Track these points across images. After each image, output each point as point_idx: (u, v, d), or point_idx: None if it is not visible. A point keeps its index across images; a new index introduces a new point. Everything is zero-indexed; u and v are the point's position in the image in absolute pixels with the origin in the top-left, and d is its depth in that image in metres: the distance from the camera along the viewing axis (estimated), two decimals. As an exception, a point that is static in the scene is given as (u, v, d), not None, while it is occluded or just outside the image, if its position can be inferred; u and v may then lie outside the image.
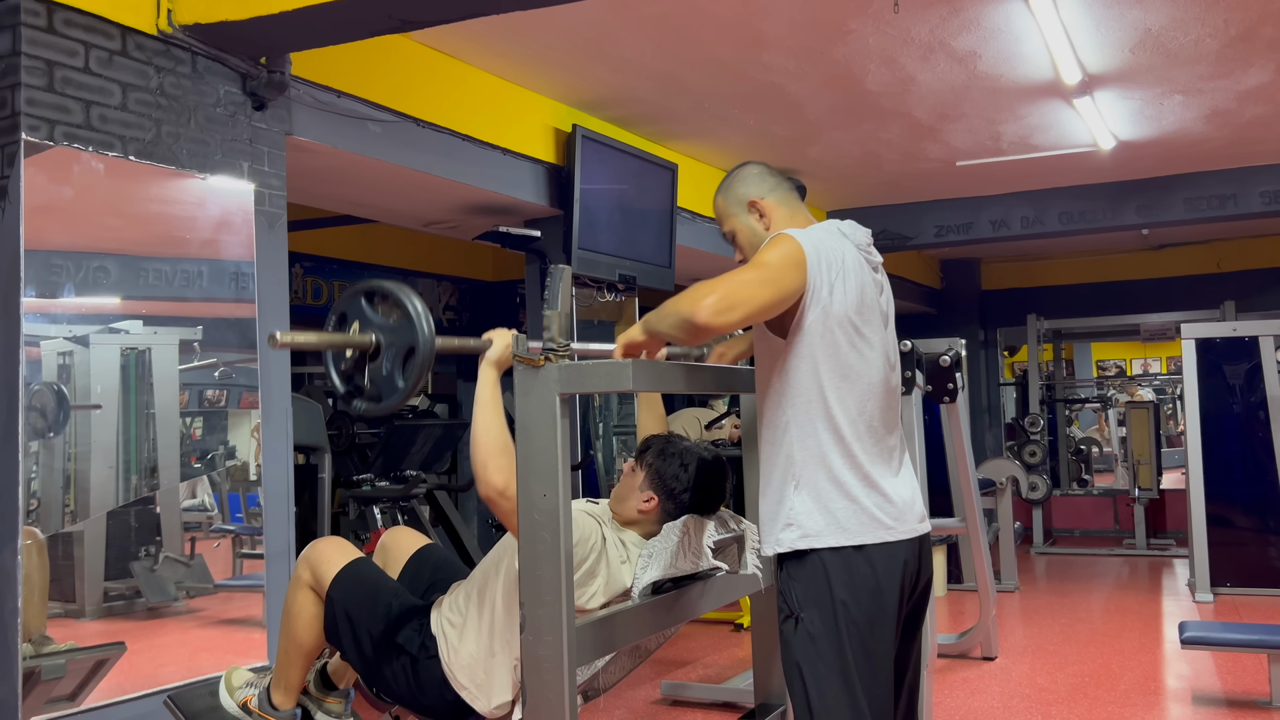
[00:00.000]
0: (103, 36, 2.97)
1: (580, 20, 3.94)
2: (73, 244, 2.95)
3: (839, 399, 2.00)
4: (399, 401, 1.96)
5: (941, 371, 4.48)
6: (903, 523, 2.03)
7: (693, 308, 1.89)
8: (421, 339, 1.92)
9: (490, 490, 2.01)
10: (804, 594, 1.97)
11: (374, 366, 1.98)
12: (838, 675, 1.93)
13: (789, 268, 1.96)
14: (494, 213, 4.97)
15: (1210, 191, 6.64)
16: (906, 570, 2.02)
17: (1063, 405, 10.23)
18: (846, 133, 5.54)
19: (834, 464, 1.99)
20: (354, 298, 2.01)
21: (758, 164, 2.26)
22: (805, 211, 2.22)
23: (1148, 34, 4.21)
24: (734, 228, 2.22)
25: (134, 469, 3.23)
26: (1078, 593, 6.63)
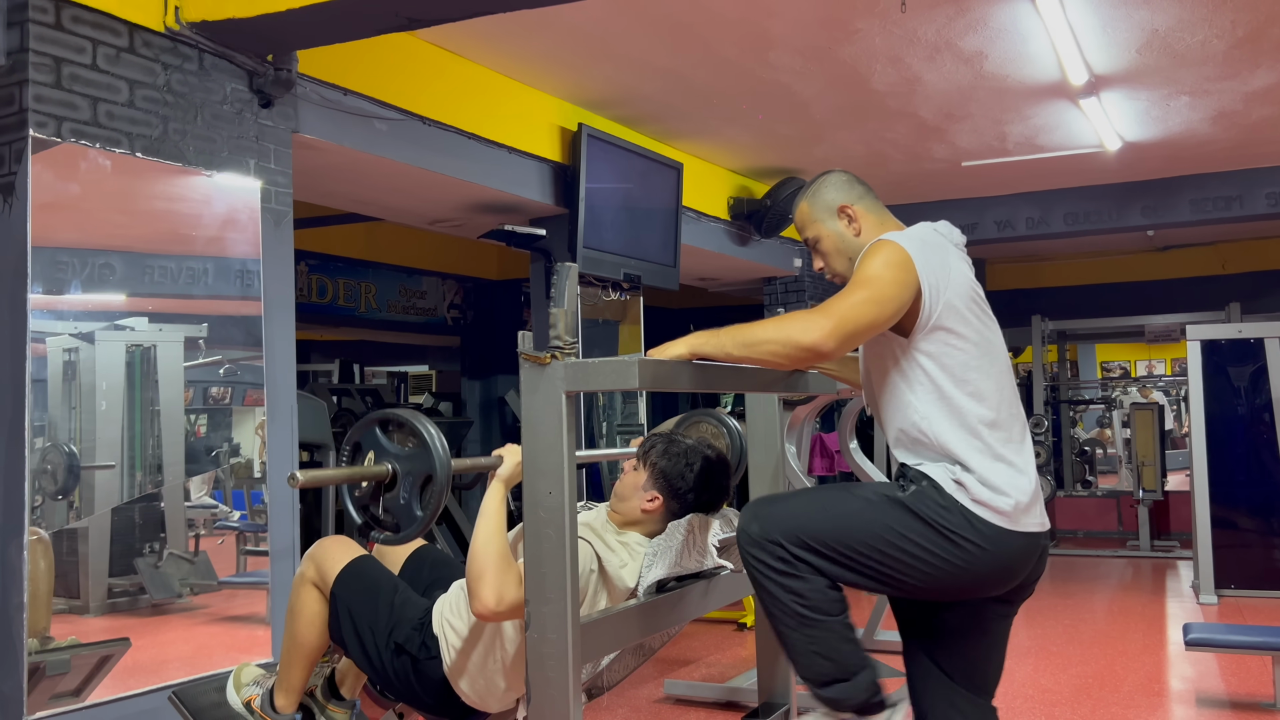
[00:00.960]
0: (110, 33, 2.98)
1: (586, 19, 3.94)
2: (79, 241, 2.96)
3: (979, 380, 1.99)
4: (418, 531, 2.00)
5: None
6: (1031, 517, 1.99)
7: (805, 332, 1.88)
8: (438, 465, 1.95)
9: (483, 609, 2.01)
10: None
11: (390, 496, 2.01)
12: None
13: (898, 272, 1.94)
14: (499, 211, 4.97)
15: (1216, 193, 6.63)
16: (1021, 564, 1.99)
17: (1067, 407, 10.21)
18: (852, 132, 5.54)
19: (982, 445, 1.96)
20: (368, 428, 2.05)
21: (844, 172, 2.24)
22: (894, 219, 2.19)
23: (1155, 35, 4.21)
24: (819, 234, 2.19)
25: (138, 466, 3.24)
26: (1081, 594, 6.62)
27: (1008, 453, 1.98)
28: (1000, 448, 1.97)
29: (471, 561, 2.04)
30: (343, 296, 7.61)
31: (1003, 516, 1.93)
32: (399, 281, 8.04)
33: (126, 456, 3.20)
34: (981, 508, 1.93)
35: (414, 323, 8.18)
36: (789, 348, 1.90)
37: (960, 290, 2.01)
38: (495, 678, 2.21)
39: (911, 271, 1.95)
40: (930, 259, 1.98)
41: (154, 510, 3.26)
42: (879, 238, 2.03)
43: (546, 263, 5.15)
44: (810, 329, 1.88)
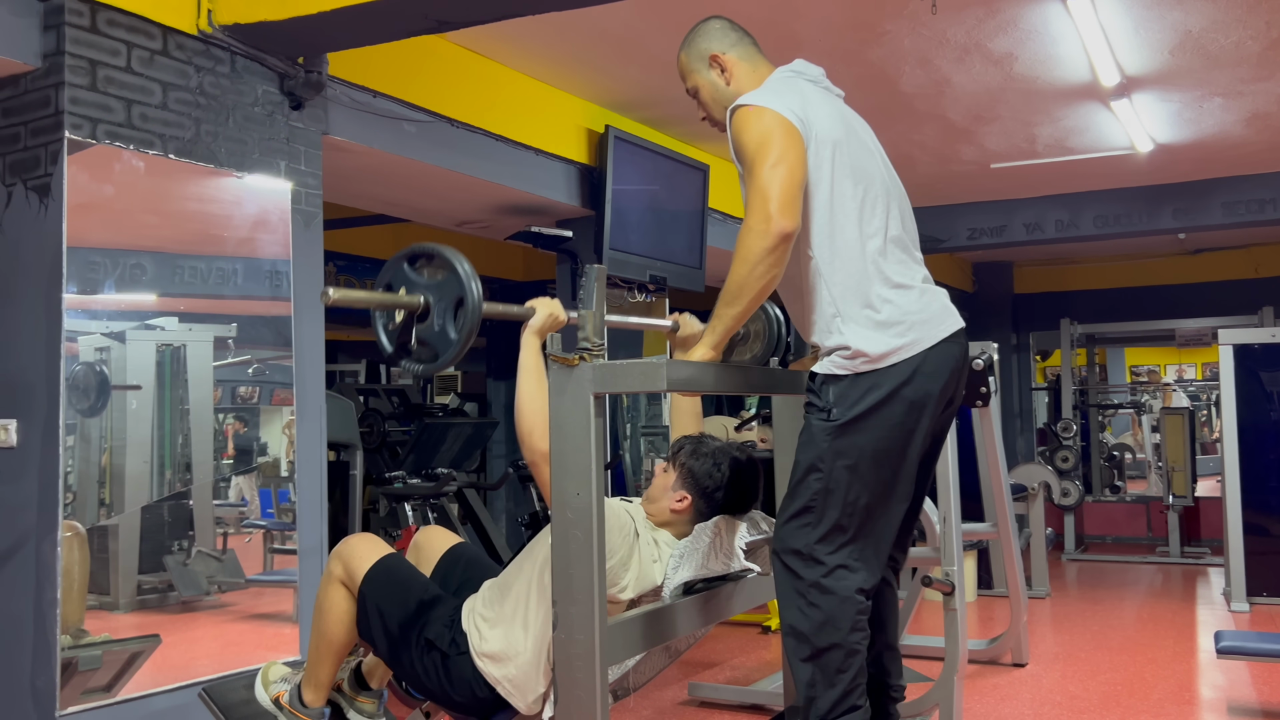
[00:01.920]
0: (144, 36, 3.01)
1: (614, 21, 3.95)
2: (112, 241, 2.99)
3: (860, 224, 2.07)
4: (453, 356, 1.98)
5: (974, 375, 4.44)
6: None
7: (754, 228, 1.97)
8: (469, 289, 1.94)
9: (536, 455, 2.04)
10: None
11: (423, 327, 2.01)
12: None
13: (781, 132, 2.00)
14: (526, 213, 4.99)
15: (1249, 195, 6.55)
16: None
17: (1096, 411, 10.12)
18: (879, 134, 5.43)
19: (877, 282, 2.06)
20: (397, 265, 2.04)
21: (720, 18, 2.29)
22: (766, 63, 2.25)
23: (1188, 36, 4.16)
24: (696, 84, 2.27)
25: (168, 464, 3.28)
26: (1110, 600, 6.55)
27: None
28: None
29: (520, 415, 2.07)
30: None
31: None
32: (426, 282, 8.07)
33: (156, 455, 3.23)
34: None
35: (440, 323, 8.20)
36: (755, 251, 1.97)
37: (828, 130, 2.07)
38: (526, 673, 2.19)
39: (791, 129, 2.01)
40: (795, 114, 2.03)
41: (183, 508, 3.29)
42: (737, 103, 2.08)
43: (572, 264, 5.16)
44: (754, 224, 1.98)
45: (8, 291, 2.92)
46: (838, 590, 1.99)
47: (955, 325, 2.15)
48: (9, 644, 2.85)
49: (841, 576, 2.00)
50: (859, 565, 2.03)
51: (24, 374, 2.87)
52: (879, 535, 2.06)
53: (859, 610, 2.01)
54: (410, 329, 2.02)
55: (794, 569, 2.02)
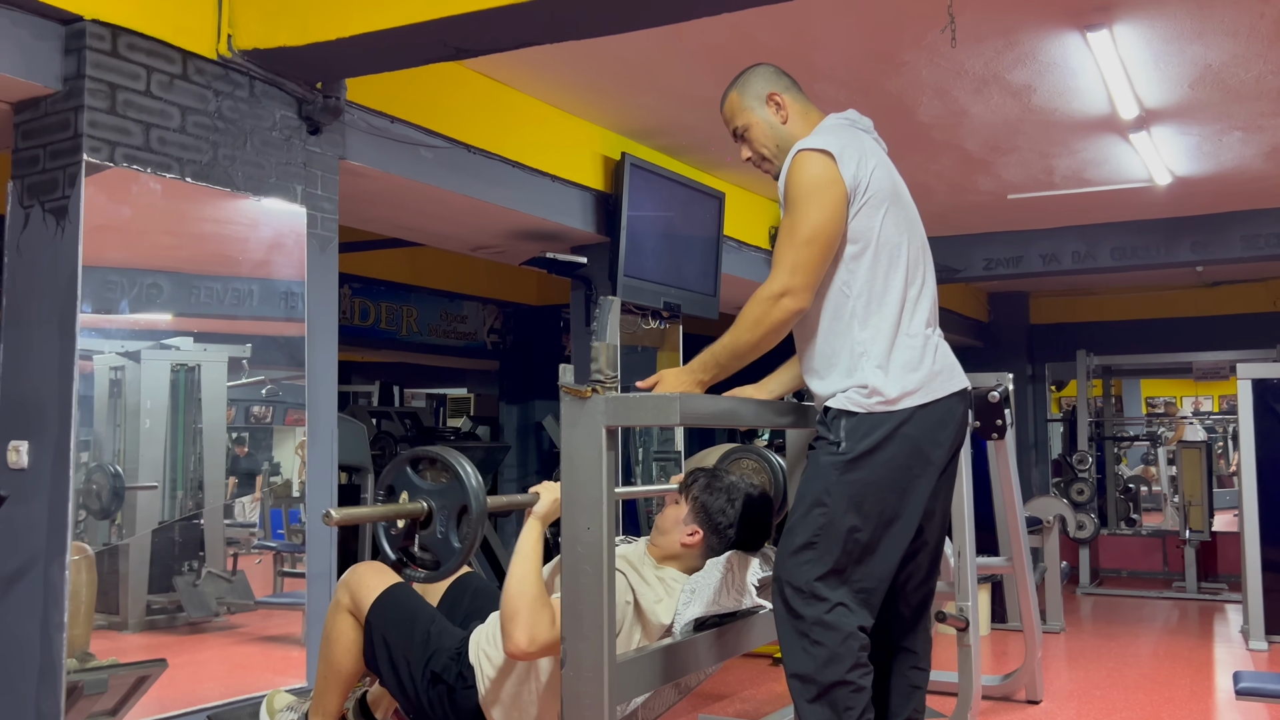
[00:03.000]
0: (164, 60, 3.03)
1: (631, 49, 3.96)
2: (128, 262, 3.00)
3: (899, 275, 2.12)
4: (457, 564, 2.00)
5: (990, 407, 4.40)
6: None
7: (770, 285, 2.03)
8: (474, 498, 1.94)
9: (516, 648, 2.00)
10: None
11: (426, 533, 2.01)
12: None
13: (827, 190, 2.05)
14: (541, 239, 4.99)
15: (1268, 229, 6.50)
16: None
17: (1111, 443, 10.03)
18: (896, 163, 5.44)
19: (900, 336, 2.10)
20: (399, 468, 2.05)
21: (770, 64, 2.35)
22: (816, 109, 2.30)
23: (1208, 70, 4.15)
24: (749, 122, 2.29)
25: (180, 485, 3.27)
26: (1125, 636, 6.47)
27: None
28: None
29: (505, 601, 2.03)
30: (385, 320, 7.67)
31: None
32: (440, 306, 8.09)
33: (169, 475, 3.23)
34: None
35: (454, 346, 8.22)
36: (764, 304, 2.03)
37: (880, 185, 2.12)
38: (529, 707, 2.19)
39: (838, 182, 2.06)
40: (850, 164, 2.08)
41: (194, 529, 3.28)
42: (800, 147, 2.11)
43: (587, 290, 5.15)
44: (774, 281, 2.04)
45: (23, 313, 2.93)
46: (840, 626, 1.97)
47: (963, 383, 2.18)
48: (14, 667, 2.84)
49: (843, 614, 1.98)
50: (857, 605, 2.00)
51: (37, 395, 2.87)
52: (878, 577, 2.04)
53: (861, 647, 1.98)
54: (414, 534, 2.03)
55: (794, 607, 2.00)
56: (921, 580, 2.20)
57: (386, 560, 2.09)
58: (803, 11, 3.62)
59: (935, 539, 2.20)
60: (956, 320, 8.93)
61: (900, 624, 2.21)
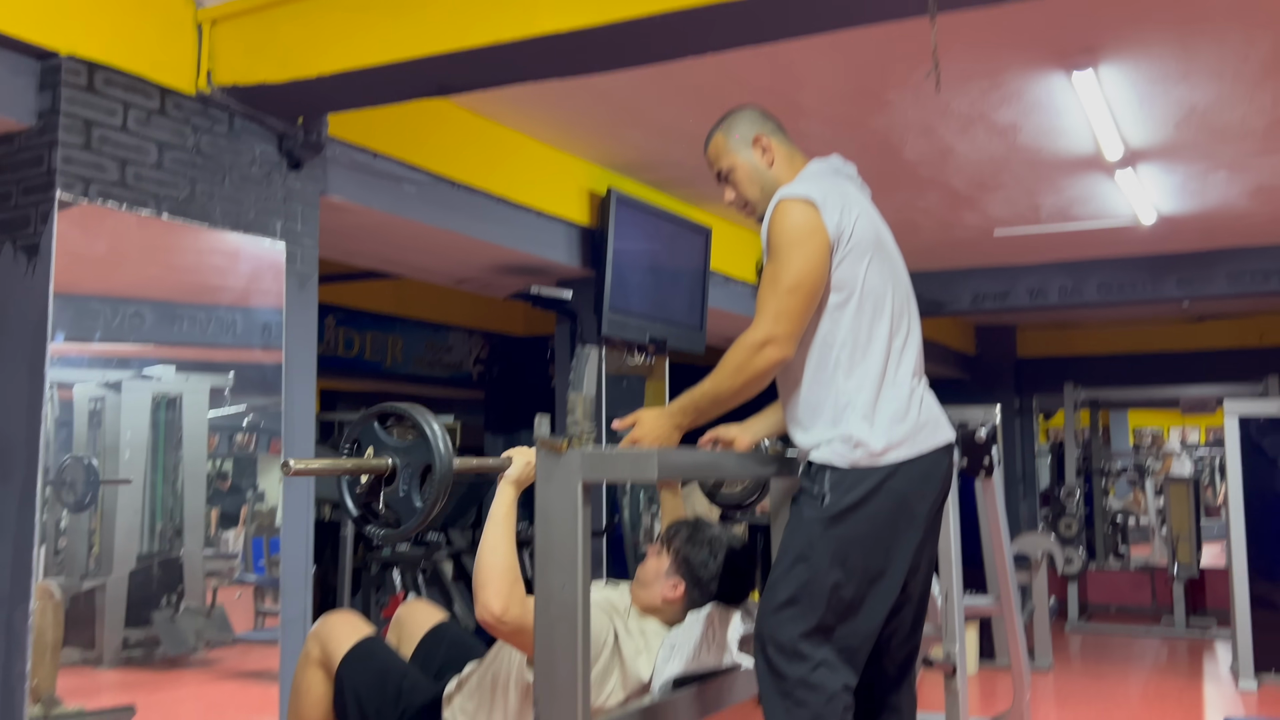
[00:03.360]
0: (142, 96, 2.99)
1: (617, 86, 3.94)
2: (103, 295, 2.96)
3: (884, 324, 2.08)
4: (417, 524, 1.91)
5: (977, 446, 4.36)
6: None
7: (753, 333, 1.99)
8: (439, 457, 1.88)
9: (487, 614, 1.95)
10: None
11: (389, 491, 1.94)
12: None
13: (810, 239, 2.02)
14: (526, 273, 4.95)
15: (1253, 266, 6.52)
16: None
17: (1099, 476, 10.01)
18: (883, 200, 5.41)
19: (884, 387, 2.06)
20: (366, 422, 1.98)
21: (756, 106, 2.32)
22: (800, 154, 2.28)
23: (1193, 111, 4.15)
24: (733, 164, 2.26)
25: (159, 516, 3.21)
26: (1114, 675, 6.41)
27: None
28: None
29: (478, 569, 1.98)
30: (369, 350, 7.61)
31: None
32: (426, 336, 8.04)
33: (148, 506, 3.17)
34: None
35: (439, 377, 8.16)
36: (746, 351, 1.99)
37: (864, 234, 2.08)
38: None
39: (821, 231, 2.03)
40: (833, 213, 2.05)
41: (173, 561, 3.22)
42: (782, 195, 2.08)
43: (572, 324, 5.11)
44: (756, 329, 2.00)
45: (-8, 351, 2.87)
46: (824, 686, 1.91)
47: (948, 437, 2.14)
48: (-25, 716, 2.76)
49: (826, 673, 1.93)
50: (842, 664, 1.95)
51: (3, 434, 2.81)
52: (862, 635, 1.99)
53: (845, 707, 1.93)
54: (378, 491, 1.96)
55: (777, 666, 1.94)
56: (906, 636, 2.15)
57: (348, 514, 2.01)
58: (788, 50, 3.60)
59: (920, 594, 2.16)
60: (944, 353, 8.91)
61: (884, 681, 2.16)
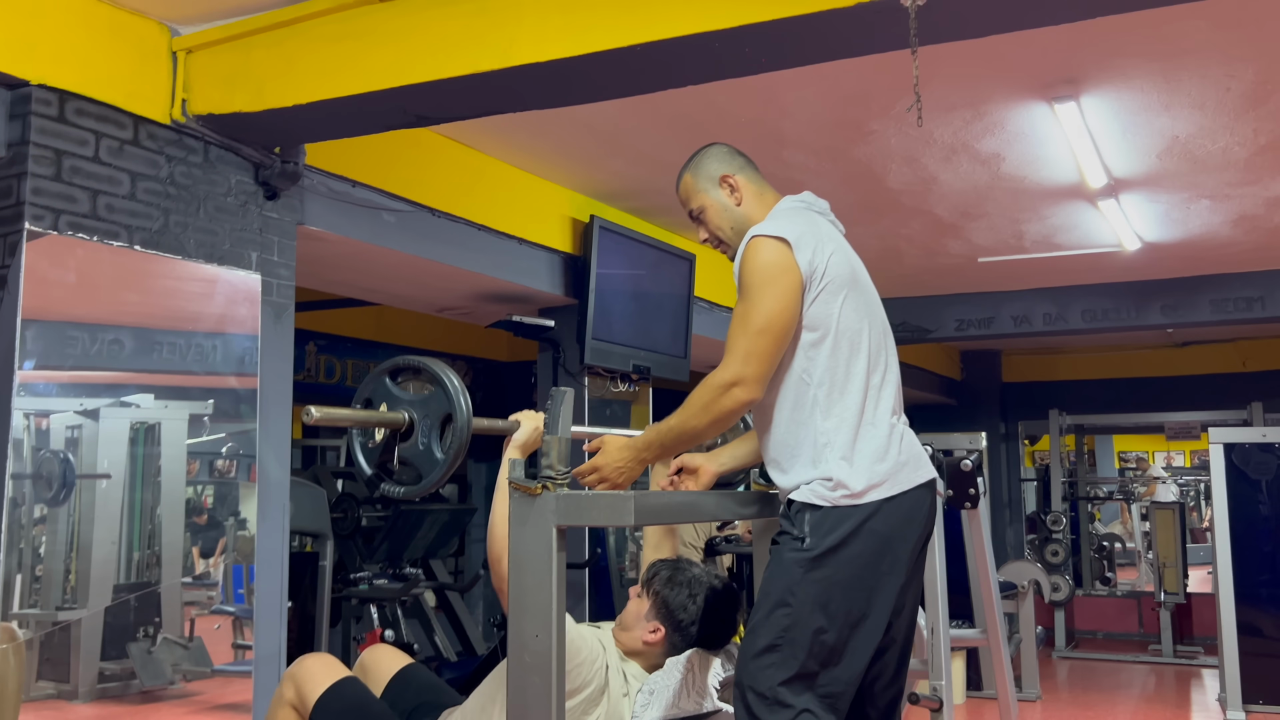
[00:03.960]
0: (115, 126, 2.94)
1: (599, 115, 3.91)
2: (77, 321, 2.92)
3: (861, 362, 2.04)
4: (440, 476, 1.87)
5: (962, 476, 4.33)
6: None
7: (721, 373, 1.95)
8: (458, 406, 1.84)
9: (506, 582, 1.90)
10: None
11: (406, 445, 1.89)
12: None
13: (781, 278, 1.99)
14: (508, 301, 4.91)
15: (1237, 293, 6.53)
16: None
17: (1085, 502, 9.99)
18: (867, 228, 5.48)
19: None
20: (378, 379, 1.94)
21: (723, 144, 2.29)
22: (771, 189, 2.25)
23: (1175, 141, 4.15)
24: (703, 204, 2.24)
25: (137, 545, 3.16)
26: (1102, 704, 6.36)
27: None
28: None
29: (494, 538, 1.97)
30: (351, 377, 7.54)
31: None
32: (408, 362, 7.98)
33: (125, 535, 3.12)
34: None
35: (422, 404, 8.10)
36: (713, 392, 1.95)
37: (838, 271, 2.05)
38: None
39: (794, 269, 2.00)
40: (807, 252, 2.02)
41: (150, 592, 3.17)
42: (754, 233, 2.05)
43: (555, 353, 5.06)
44: (725, 370, 1.96)
45: (-43, 386, 2.80)
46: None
47: (930, 474, 2.09)
48: (-65, 763, 2.67)
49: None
50: (824, 711, 1.90)
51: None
52: (845, 681, 1.93)
53: None
54: (392, 448, 1.91)
55: (757, 714, 1.89)
56: (890, 679, 2.10)
57: (362, 475, 1.96)
58: (771, 81, 3.58)
59: (905, 636, 2.11)
60: (929, 378, 8.90)
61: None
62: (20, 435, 2.74)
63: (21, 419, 2.75)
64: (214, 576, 3.42)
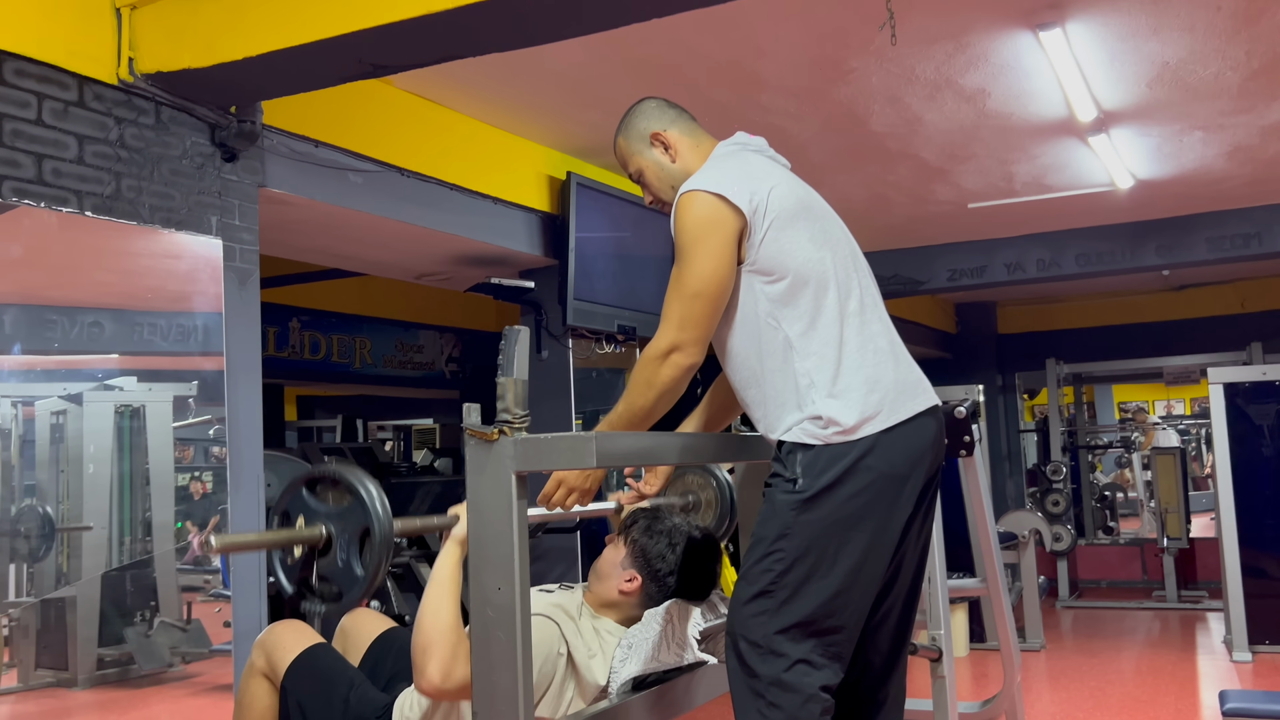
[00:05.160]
0: (58, 87, 2.82)
1: (568, 64, 3.78)
2: (22, 300, 2.82)
3: (830, 293, 1.93)
4: (361, 593, 1.75)
5: (957, 424, 4.22)
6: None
7: (657, 343, 1.87)
8: (376, 520, 1.71)
9: (428, 685, 1.79)
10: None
11: (325, 561, 1.77)
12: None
13: (712, 234, 1.88)
14: (487, 264, 4.80)
15: (1233, 230, 6.41)
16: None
17: (1085, 451, 9.92)
18: (852, 175, 5.36)
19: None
20: (294, 491, 1.82)
21: (654, 98, 2.18)
22: (708, 137, 2.13)
23: (1165, 68, 4.02)
24: (640, 166, 2.14)
25: (127, 530, 3.13)
26: (1107, 651, 6.31)
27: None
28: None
29: (418, 633, 1.81)
30: (336, 352, 7.44)
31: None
32: (395, 336, 7.87)
33: (116, 520, 3.08)
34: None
35: (411, 377, 7.99)
36: (652, 365, 1.87)
37: (782, 201, 1.94)
38: None
39: (726, 217, 1.89)
40: (743, 192, 1.90)
41: (146, 577, 3.16)
42: (686, 189, 1.94)
43: (537, 316, 4.96)
44: (661, 338, 1.87)
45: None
46: (799, 687, 1.76)
47: (931, 400, 1.97)
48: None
49: (803, 672, 1.77)
50: (823, 660, 1.79)
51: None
52: (847, 626, 1.83)
53: (824, 710, 1.77)
54: (311, 564, 1.79)
55: (749, 664, 1.79)
56: (895, 626, 1.99)
57: (283, 593, 1.85)
58: (745, 19, 3.46)
59: (910, 579, 1.99)
60: (924, 332, 8.79)
61: (871, 674, 2.00)
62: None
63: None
64: (213, 561, 3.36)
